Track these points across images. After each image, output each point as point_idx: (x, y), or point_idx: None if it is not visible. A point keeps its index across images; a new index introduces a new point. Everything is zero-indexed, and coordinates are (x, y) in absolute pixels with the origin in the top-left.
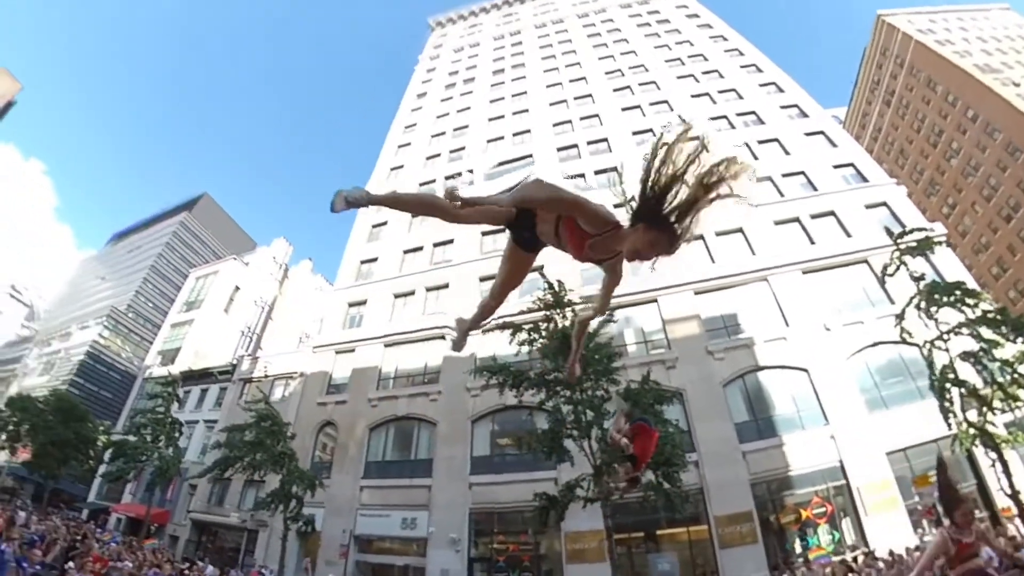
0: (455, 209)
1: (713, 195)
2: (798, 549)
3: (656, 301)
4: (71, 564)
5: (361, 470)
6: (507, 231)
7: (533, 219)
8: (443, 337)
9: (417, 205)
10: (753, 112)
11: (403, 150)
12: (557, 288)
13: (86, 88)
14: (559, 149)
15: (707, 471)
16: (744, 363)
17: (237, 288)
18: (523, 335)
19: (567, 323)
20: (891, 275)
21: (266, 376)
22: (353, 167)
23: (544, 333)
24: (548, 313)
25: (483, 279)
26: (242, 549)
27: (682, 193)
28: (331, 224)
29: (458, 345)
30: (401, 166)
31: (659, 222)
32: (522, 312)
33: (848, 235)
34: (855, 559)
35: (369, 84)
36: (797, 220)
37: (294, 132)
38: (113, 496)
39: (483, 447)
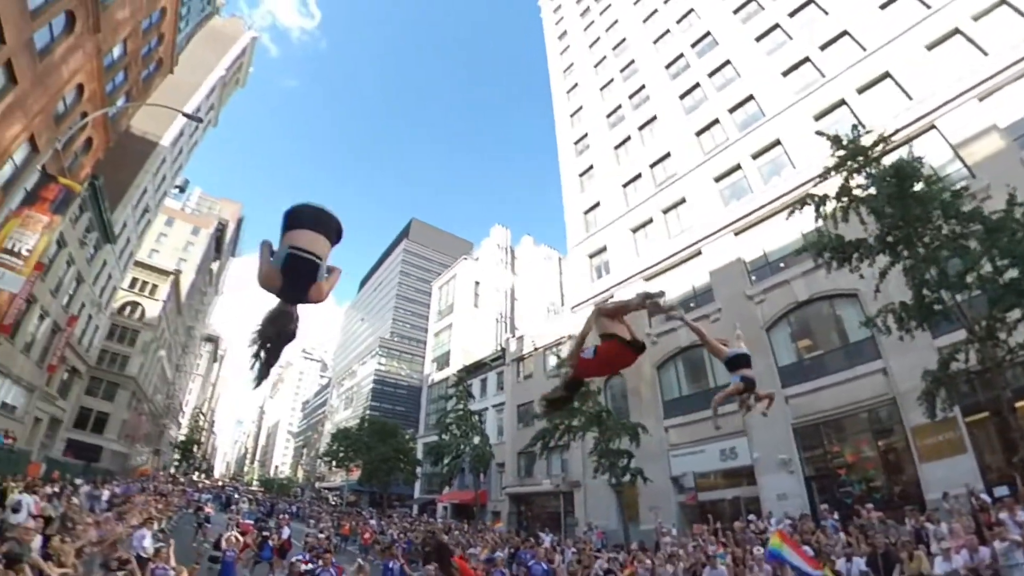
0: None
1: None
2: None
3: (935, 127)
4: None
5: (661, 411)
6: None
7: None
8: (700, 253)
9: None
10: None
11: (573, 93)
12: (852, 136)
13: (288, 183)
14: (735, 11)
15: None
16: None
17: (477, 283)
18: (832, 204)
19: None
20: None
21: (535, 350)
22: (531, 130)
23: (859, 190)
24: (848, 167)
25: (717, 179)
26: (561, 511)
27: None
28: (535, 192)
29: None
30: (580, 108)
31: None
32: (813, 181)
33: None
34: None
35: (504, 48)
36: None
37: (458, 126)
38: (434, 489)
39: (787, 355)
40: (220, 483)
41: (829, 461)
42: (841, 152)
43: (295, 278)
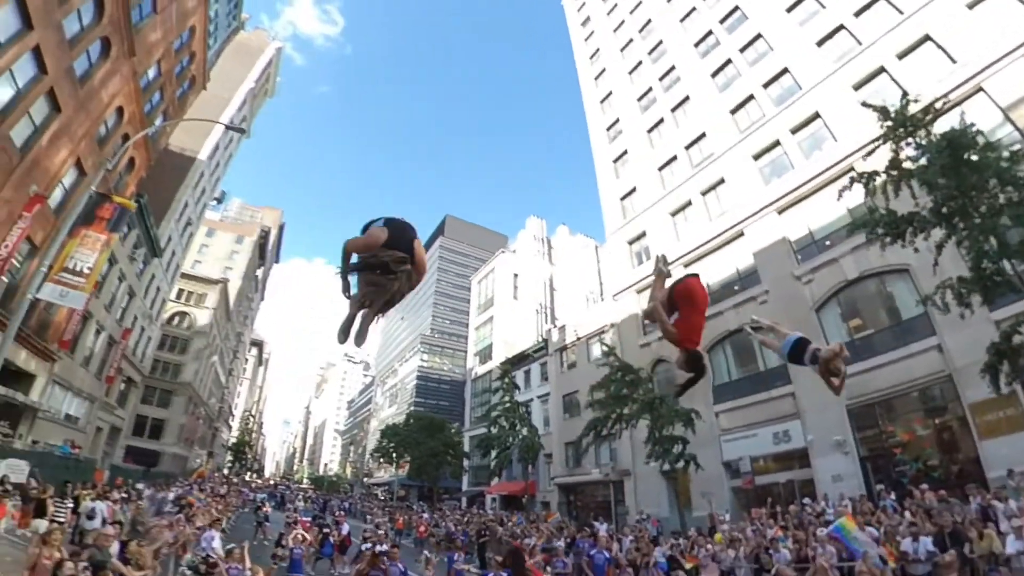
0: None
1: None
2: None
3: (982, 89)
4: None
5: (710, 396)
6: None
7: None
8: (742, 234)
9: None
10: None
11: (601, 78)
12: (900, 105)
13: (323, 187)
14: None
15: None
16: None
17: (516, 275)
18: (881, 177)
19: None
20: None
21: (578, 339)
22: (560, 120)
23: (909, 162)
24: (897, 136)
25: (756, 156)
26: (611, 500)
27: None
28: (568, 182)
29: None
30: (609, 93)
31: None
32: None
33: None
34: None
35: (528, 39)
36: None
37: (486, 121)
38: (482, 481)
39: (838, 334)
40: (272, 482)
41: (884, 441)
42: (888, 123)
43: (399, 231)
